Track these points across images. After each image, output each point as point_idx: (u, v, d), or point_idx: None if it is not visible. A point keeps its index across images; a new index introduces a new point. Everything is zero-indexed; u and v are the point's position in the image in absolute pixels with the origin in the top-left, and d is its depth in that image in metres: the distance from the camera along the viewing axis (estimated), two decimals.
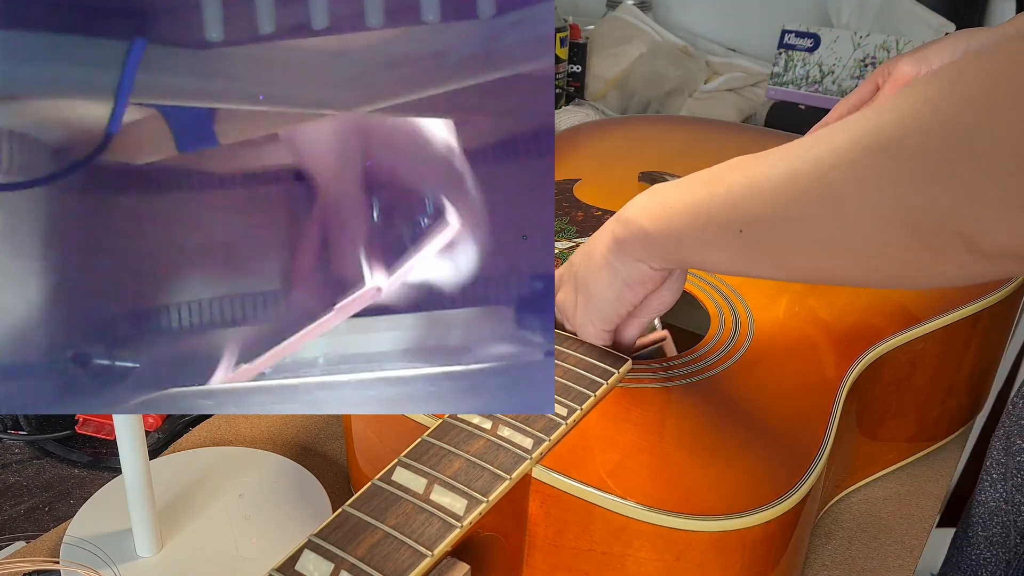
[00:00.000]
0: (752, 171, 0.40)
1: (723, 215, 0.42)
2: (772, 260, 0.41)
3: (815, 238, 0.37)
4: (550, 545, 0.47)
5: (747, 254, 0.42)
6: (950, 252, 0.32)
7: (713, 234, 0.43)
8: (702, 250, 0.45)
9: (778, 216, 0.39)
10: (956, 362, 0.63)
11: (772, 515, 0.44)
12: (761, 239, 0.40)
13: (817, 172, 0.36)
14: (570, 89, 1.34)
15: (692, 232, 0.45)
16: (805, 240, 0.38)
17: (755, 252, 0.41)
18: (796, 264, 0.40)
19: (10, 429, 0.68)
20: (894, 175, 0.33)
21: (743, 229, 0.41)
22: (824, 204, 0.36)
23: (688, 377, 0.53)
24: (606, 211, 0.74)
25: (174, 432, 0.68)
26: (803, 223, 0.38)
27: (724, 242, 0.42)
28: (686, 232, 0.45)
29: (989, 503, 0.53)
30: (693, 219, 0.44)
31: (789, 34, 1.20)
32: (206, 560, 0.54)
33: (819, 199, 0.36)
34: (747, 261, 0.42)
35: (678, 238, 0.46)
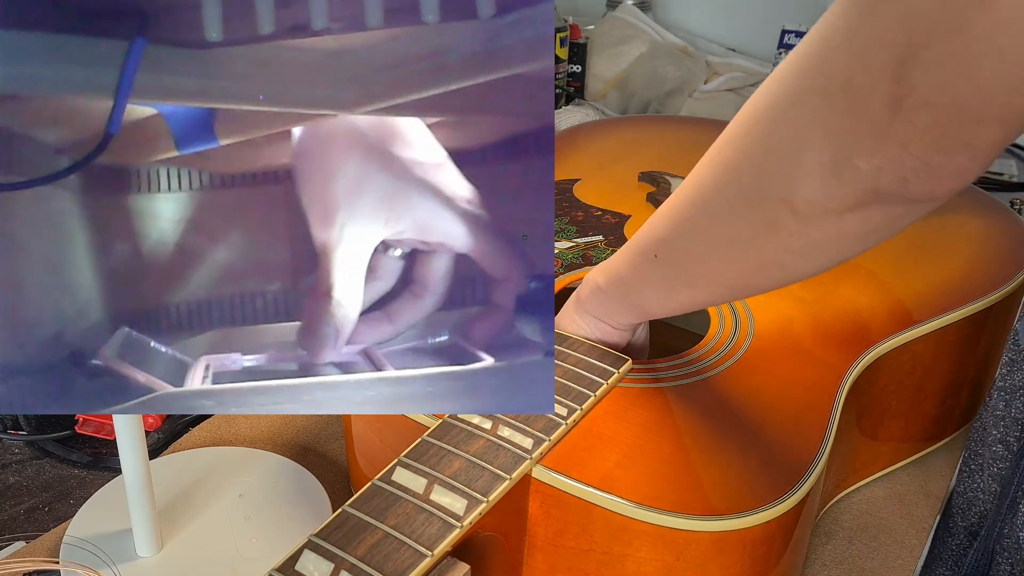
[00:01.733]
0: (667, 202, 0.45)
1: (643, 243, 0.47)
2: (685, 277, 0.45)
3: (701, 249, 0.43)
4: (550, 545, 0.47)
5: (667, 278, 0.46)
6: (781, 220, 0.37)
7: (640, 266, 0.47)
8: (640, 288, 0.49)
9: (672, 235, 0.44)
10: (955, 362, 0.63)
11: (772, 515, 0.44)
12: (670, 257, 0.45)
13: (687, 198, 0.42)
14: (570, 89, 1.34)
15: (628, 270, 0.49)
16: (692, 250, 0.44)
17: (671, 273, 0.46)
18: (707, 276, 0.44)
19: (10, 429, 0.68)
20: (734, 163, 0.39)
21: (657, 253, 0.45)
22: (694, 223, 0.42)
23: (688, 377, 0.53)
24: (606, 211, 0.74)
25: (174, 432, 0.68)
26: (686, 238, 0.43)
27: (647, 272, 0.47)
28: (624, 272, 0.49)
29: (967, 493, 0.54)
30: (627, 257, 0.48)
31: (789, 34, 1.20)
32: (206, 560, 0.54)
33: (688, 220, 0.43)
34: (670, 286, 0.47)
35: (620, 282, 0.50)
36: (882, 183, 0.32)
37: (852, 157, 0.32)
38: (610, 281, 0.51)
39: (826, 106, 0.33)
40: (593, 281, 0.53)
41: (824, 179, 0.34)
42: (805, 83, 0.34)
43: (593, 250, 0.67)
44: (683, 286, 0.46)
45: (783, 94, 0.35)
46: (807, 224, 0.36)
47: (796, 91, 0.34)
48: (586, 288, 0.53)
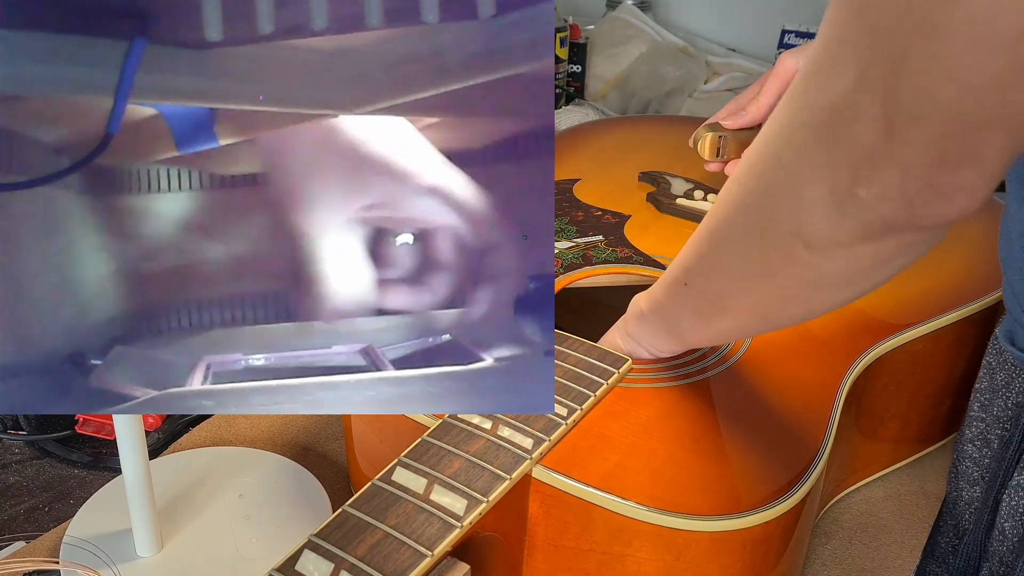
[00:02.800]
0: (697, 229, 0.45)
1: (676, 270, 0.46)
2: (716, 307, 0.45)
3: (723, 280, 0.43)
4: (550, 545, 0.47)
5: (699, 306, 0.46)
6: (794, 251, 0.36)
7: (676, 293, 0.47)
8: (677, 316, 0.49)
9: (697, 264, 0.44)
10: (955, 363, 0.64)
11: (772, 515, 0.44)
12: (698, 286, 0.45)
13: (707, 230, 0.42)
14: (570, 89, 1.33)
15: (665, 297, 0.49)
16: (717, 282, 0.43)
17: (702, 302, 0.45)
18: (733, 307, 0.44)
19: (10, 429, 0.68)
20: (746, 195, 0.38)
21: (687, 281, 0.45)
22: (713, 254, 0.42)
23: (688, 377, 0.53)
24: (606, 211, 0.74)
25: (174, 432, 0.68)
26: (710, 269, 0.43)
27: (681, 300, 0.47)
28: (662, 299, 0.49)
29: (953, 492, 0.55)
30: (665, 283, 0.48)
31: (789, 34, 1.20)
32: (206, 560, 0.54)
33: (708, 251, 0.43)
34: (704, 314, 0.46)
35: (659, 309, 0.50)
36: (888, 211, 0.31)
37: (852, 187, 0.31)
38: (651, 307, 0.51)
39: (815, 138, 0.32)
40: (637, 306, 0.53)
41: (827, 212, 0.33)
42: (795, 117, 0.33)
43: (593, 250, 0.67)
44: (715, 314, 0.45)
45: (778, 130, 0.35)
46: (820, 256, 0.35)
47: (788, 126, 0.34)
48: (631, 313, 0.54)
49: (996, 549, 0.48)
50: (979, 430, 0.52)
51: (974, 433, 0.53)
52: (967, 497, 0.53)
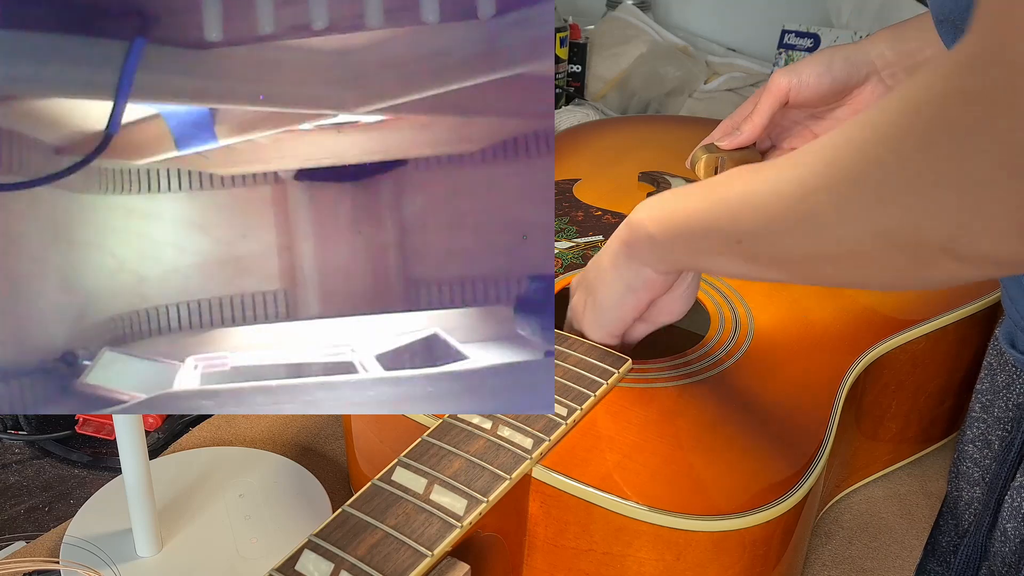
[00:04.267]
0: (749, 185, 0.42)
1: (724, 226, 0.43)
2: (771, 267, 0.43)
3: (805, 252, 0.39)
4: (550, 545, 0.47)
5: (748, 262, 0.43)
6: (937, 261, 0.33)
7: (715, 242, 0.45)
8: (705, 256, 0.46)
9: (768, 230, 0.40)
10: (955, 362, 0.63)
11: (772, 515, 0.44)
12: (758, 250, 0.42)
13: (799, 193, 0.38)
14: (570, 89, 1.33)
15: (694, 239, 0.46)
16: (796, 252, 0.40)
17: (755, 261, 0.43)
18: (795, 270, 0.42)
19: (10, 429, 0.68)
20: (871, 202, 0.34)
21: (741, 240, 0.42)
22: (807, 223, 0.38)
23: (688, 377, 0.53)
24: (606, 211, 0.74)
25: (174, 432, 0.68)
26: (791, 237, 0.39)
27: (725, 250, 0.44)
28: (690, 238, 0.46)
29: (954, 492, 0.55)
30: (696, 226, 0.46)
31: (789, 34, 1.20)
32: (206, 560, 0.54)
33: (802, 218, 0.38)
34: (748, 268, 0.44)
35: (682, 243, 0.47)
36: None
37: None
38: (666, 236, 0.48)
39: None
40: (644, 229, 0.49)
41: (1004, 236, 0.30)
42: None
43: (593, 250, 0.67)
44: (764, 271, 0.43)
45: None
46: (970, 268, 0.33)
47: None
48: (633, 235, 0.50)
49: (998, 549, 0.48)
50: (980, 431, 0.52)
51: (975, 434, 0.53)
52: (967, 497, 0.53)
